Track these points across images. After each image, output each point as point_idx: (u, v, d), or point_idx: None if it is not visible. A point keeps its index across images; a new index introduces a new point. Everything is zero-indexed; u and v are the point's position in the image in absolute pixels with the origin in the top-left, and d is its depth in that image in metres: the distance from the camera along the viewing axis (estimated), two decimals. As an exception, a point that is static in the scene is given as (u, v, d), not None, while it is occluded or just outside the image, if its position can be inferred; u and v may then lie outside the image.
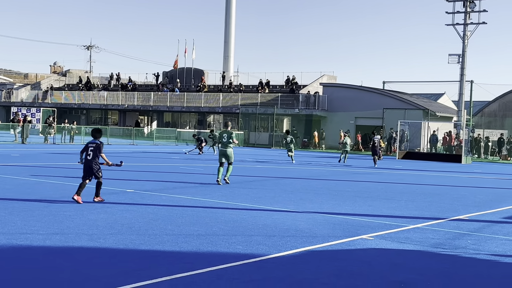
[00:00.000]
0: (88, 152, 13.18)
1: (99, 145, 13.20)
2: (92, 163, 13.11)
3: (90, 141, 13.40)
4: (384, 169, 29.09)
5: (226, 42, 73.45)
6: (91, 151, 13.15)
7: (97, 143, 13.21)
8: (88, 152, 13.17)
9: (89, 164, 13.14)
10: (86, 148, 13.28)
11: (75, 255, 8.23)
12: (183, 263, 7.94)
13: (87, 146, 13.29)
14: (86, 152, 13.21)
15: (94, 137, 13.42)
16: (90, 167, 13.13)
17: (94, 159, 13.14)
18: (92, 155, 13.13)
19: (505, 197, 18.26)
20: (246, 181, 19.69)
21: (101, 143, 13.31)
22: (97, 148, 13.15)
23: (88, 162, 13.14)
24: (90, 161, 13.12)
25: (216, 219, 11.55)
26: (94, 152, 13.13)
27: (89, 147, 13.23)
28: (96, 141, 13.28)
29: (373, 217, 12.83)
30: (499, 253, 9.52)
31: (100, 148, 13.20)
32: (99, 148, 13.17)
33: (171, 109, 64.19)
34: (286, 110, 55.78)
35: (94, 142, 13.29)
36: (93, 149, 13.14)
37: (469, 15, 46.34)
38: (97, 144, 13.21)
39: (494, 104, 58.79)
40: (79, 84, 76.18)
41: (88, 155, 13.15)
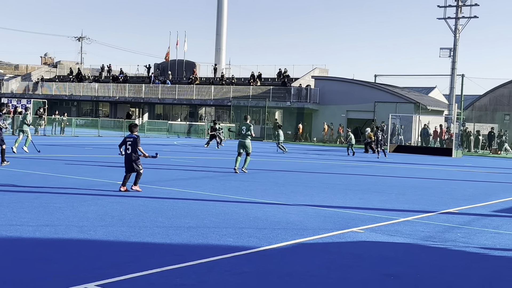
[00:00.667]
0: (127, 146, 14.04)
1: (136, 139, 14.04)
2: (132, 156, 13.97)
3: (127, 135, 14.29)
4: (375, 162, 29.16)
5: (218, 35, 73.28)
6: (130, 145, 13.99)
7: (134, 137, 14.08)
8: (127, 146, 14.03)
9: (129, 157, 14.00)
10: (124, 142, 14.16)
11: (65, 247, 8.21)
12: (174, 255, 7.94)
13: (125, 140, 14.17)
14: (125, 145, 14.08)
15: (131, 131, 14.31)
16: (130, 160, 13.98)
17: (133, 152, 13.98)
18: (131, 149, 13.98)
19: (495, 190, 18.36)
20: (237, 174, 19.68)
21: (138, 137, 14.15)
22: (134, 142, 13.99)
23: (128, 155, 14.01)
24: (130, 154, 14.00)
25: (207, 212, 11.55)
26: (132, 146, 13.97)
27: (127, 141, 14.10)
28: (133, 135, 14.15)
29: (364, 210, 12.87)
30: (488, 246, 9.57)
31: (137, 141, 14.02)
32: (137, 142, 14.00)
33: (163, 101, 64.04)
34: (278, 103, 55.77)
35: (131, 136, 14.14)
36: (131, 143, 13.99)
37: (461, 9, 46.41)
38: (134, 138, 14.05)
39: (485, 98, 59.03)
40: (70, 76, 75.84)
41: (128, 149, 14.01)
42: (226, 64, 73.48)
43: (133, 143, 13.98)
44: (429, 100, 57.40)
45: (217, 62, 70.85)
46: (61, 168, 18.67)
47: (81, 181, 15.56)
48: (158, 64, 71.63)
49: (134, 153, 14.00)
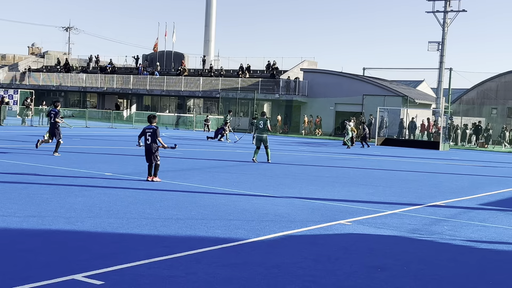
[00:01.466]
0: (146, 137, 14.30)
1: (155, 130, 14.27)
2: (152, 147, 14.24)
3: (146, 127, 14.50)
4: (363, 155, 29.26)
5: (207, 26, 73.03)
6: (150, 136, 14.26)
7: (154, 128, 14.31)
8: (147, 137, 14.29)
9: (149, 148, 14.28)
10: (144, 133, 14.40)
11: (53, 238, 8.18)
12: (162, 246, 7.94)
13: (144, 131, 14.40)
14: (145, 136, 14.33)
15: (150, 122, 14.54)
16: (150, 151, 14.26)
17: (153, 143, 14.26)
18: (151, 139, 14.25)
19: (482, 184, 18.49)
20: (226, 166, 19.69)
21: (157, 128, 14.39)
22: (154, 133, 14.23)
23: (148, 146, 14.29)
24: (150, 145, 14.28)
25: (195, 203, 11.55)
26: (152, 137, 14.24)
27: (147, 132, 14.34)
28: (153, 126, 14.39)
29: (351, 202, 12.92)
30: (474, 239, 9.65)
31: (157, 133, 14.27)
32: (156, 133, 14.24)
33: (151, 93, 63.77)
34: (266, 95, 55.75)
35: (150, 127, 14.37)
36: (151, 134, 14.25)
37: (449, 3, 46.55)
38: (153, 129, 14.28)
39: (472, 92, 59.32)
40: (57, 66, 75.29)
41: (147, 140, 14.29)
42: (215, 55, 73.29)
43: (153, 134, 14.22)
44: (417, 93, 57.59)
45: (206, 54, 70.62)
46: (48, 159, 18.58)
47: (68, 172, 15.49)
48: (147, 55, 71.29)
49: (154, 144, 14.28)
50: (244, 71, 61.18)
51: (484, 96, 57.93)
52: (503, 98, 56.47)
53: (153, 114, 15.27)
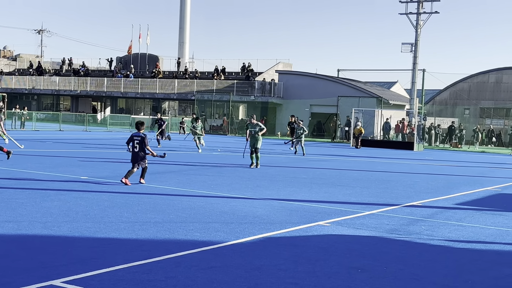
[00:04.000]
0: (134, 145, 14.31)
1: (143, 138, 14.30)
2: (139, 154, 14.30)
3: (134, 133, 14.47)
4: (339, 156, 29.39)
5: (181, 28, 72.80)
6: (137, 144, 14.28)
7: (142, 136, 14.33)
8: (135, 144, 14.31)
9: (136, 155, 14.33)
10: (132, 139, 14.39)
11: (29, 243, 8.06)
12: (140, 250, 7.86)
13: (132, 138, 14.38)
14: (133, 144, 14.34)
15: (138, 129, 14.51)
16: (137, 158, 14.32)
17: (141, 151, 14.29)
18: (139, 147, 14.27)
19: (456, 183, 18.68)
20: (203, 168, 19.62)
21: (145, 136, 14.38)
22: (142, 141, 14.26)
23: (136, 154, 14.32)
24: (137, 153, 14.31)
25: (173, 206, 11.47)
26: (140, 145, 14.27)
27: (135, 139, 14.34)
28: (141, 134, 14.38)
29: (329, 203, 12.95)
30: (452, 239, 9.73)
31: (145, 141, 14.29)
32: (144, 141, 14.26)
33: (125, 95, 63.36)
34: (242, 97, 55.72)
35: (138, 135, 14.38)
36: (139, 142, 14.26)
37: (422, 5, 46.97)
38: (141, 137, 14.31)
39: (445, 92, 59.97)
40: (30, 69, 74.39)
41: (135, 147, 14.30)
42: (190, 58, 73.10)
43: (141, 142, 14.25)
44: (391, 94, 58.07)
45: (181, 56, 70.38)
46: (22, 163, 18.32)
47: (43, 176, 15.29)
48: (121, 58, 70.80)
49: (142, 152, 14.29)
50: (219, 73, 61.09)
51: (456, 96, 58.61)
52: (476, 99, 57.21)
53: (141, 120, 15.12)
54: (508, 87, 56.16)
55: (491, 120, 55.52)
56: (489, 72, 57.53)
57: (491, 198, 15.51)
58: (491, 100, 56.74)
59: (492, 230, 10.70)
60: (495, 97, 56.60)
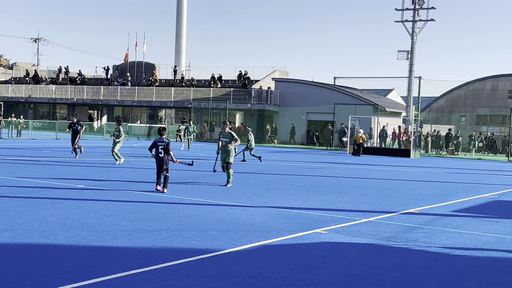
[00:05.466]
0: (159, 150, 14.61)
1: (168, 144, 14.59)
2: (165, 159, 14.60)
3: (158, 139, 14.75)
4: (336, 164, 29.41)
5: (178, 36, 72.90)
6: (162, 149, 14.59)
7: (166, 142, 14.61)
8: (159, 150, 14.61)
9: (161, 160, 14.59)
10: (156, 145, 14.68)
11: (26, 252, 8.04)
12: (138, 259, 7.85)
13: (156, 144, 14.68)
14: (157, 150, 14.63)
15: (161, 134, 14.81)
16: (162, 163, 14.57)
17: (166, 156, 14.60)
18: (163, 153, 14.59)
19: (453, 190, 18.70)
20: (200, 176, 19.61)
21: (169, 142, 14.70)
22: (166, 147, 14.56)
23: (161, 158, 14.61)
24: (163, 158, 14.60)
25: (170, 215, 11.46)
26: (164, 150, 14.59)
27: (159, 145, 14.63)
28: (164, 140, 14.67)
29: (326, 211, 12.95)
30: (449, 246, 9.74)
31: (169, 147, 14.59)
32: (168, 147, 14.57)
33: (122, 103, 63.32)
34: (238, 105, 55.76)
35: (162, 140, 14.66)
36: (163, 148, 14.58)
37: (418, 12, 47.13)
38: (166, 143, 14.60)
39: (441, 100, 60.12)
40: (26, 78, 74.37)
41: (160, 153, 14.60)
42: (186, 66, 73.10)
43: (165, 148, 14.55)
44: (387, 102, 58.18)
45: (177, 64, 70.43)
46: (19, 171, 18.29)
47: (40, 184, 15.27)
48: (117, 66, 70.83)
49: (166, 157, 14.61)
50: (215, 81, 61.15)
51: (453, 104, 58.75)
52: (472, 106, 57.35)
53: (164, 126, 15.52)
54: (504, 94, 56.33)
55: (487, 127, 55.63)
56: (485, 79, 57.71)
57: (487, 205, 15.52)
58: (487, 107, 56.89)
59: (489, 237, 10.72)
60: (491, 104, 56.76)
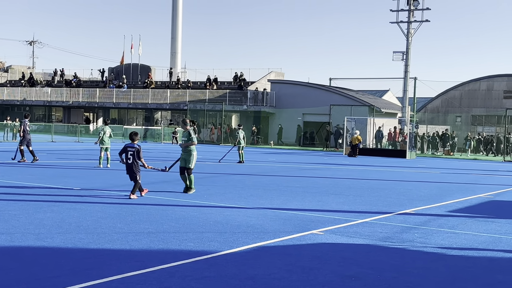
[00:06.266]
0: (128, 156, 13.85)
1: (138, 149, 13.88)
2: (133, 166, 13.81)
3: (128, 144, 14.01)
4: (332, 165, 29.43)
5: (173, 38, 72.89)
6: (131, 155, 13.82)
7: (136, 148, 13.90)
8: (128, 156, 13.85)
9: (130, 166, 13.85)
10: (125, 151, 13.91)
11: (22, 255, 8.03)
12: (134, 261, 7.85)
13: (126, 149, 13.91)
14: (126, 155, 13.87)
15: (132, 140, 14.08)
16: (131, 170, 13.82)
17: (134, 163, 13.83)
18: (132, 159, 13.83)
19: (449, 191, 18.73)
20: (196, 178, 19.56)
21: (140, 147, 13.99)
22: (137, 153, 13.84)
23: (130, 165, 13.85)
24: (131, 164, 13.83)
25: (167, 217, 11.45)
26: (133, 157, 13.82)
27: (128, 151, 13.87)
28: (135, 145, 13.94)
29: (323, 212, 12.96)
30: (445, 246, 9.76)
31: (139, 153, 13.87)
32: (139, 153, 13.86)
33: (118, 106, 63.25)
34: (234, 106, 55.78)
35: (132, 146, 13.94)
36: (132, 154, 13.81)
37: (413, 13, 47.23)
38: (136, 149, 13.88)
39: (437, 100, 60.22)
40: (21, 81, 74.25)
41: (129, 159, 13.84)
42: (182, 68, 73.13)
43: (134, 154, 13.83)
44: (383, 102, 58.28)
45: (173, 66, 70.43)
46: (15, 174, 18.26)
47: (36, 187, 15.24)
48: (113, 68, 70.79)
49: (136, 163, 13.87)
50: (211, 83, 61.15)
51: (448, 104, 58.85)
52: (467, 106, 57.47)
53: (135, 131, 14.66)
54: (499, 95, 56.47)
55: (483, 128, 55.75)
56: (480, 80, 57.83)
57: (483, 205, 15.56)
58: (483, 107, 57.02)
59: (485, 237, 10.74)
60: (487, 105, 56.88)
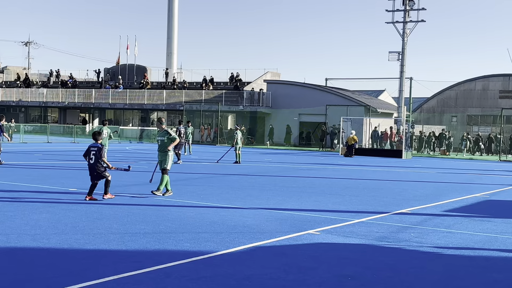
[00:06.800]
0: (90, 156, 13.34)
1: (100, 148, 13.38)
2: (96, 166, 13.29)
3: (91, 144, 13.56)
4: (328, 165, 29.45)
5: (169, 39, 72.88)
6: (93, 155, 13.32)
7: (98, 147, 13.40)
8: (91, 156, 13.34)
9: (93, 167, 13.33)
10: (88, 151, 13.42)
11: (18, 256, 8.02)
12: (130, 261, 7.84)
13: (89, 149, 13.42)
14: (89, 155, 13.37)
15: (95, 139, 13.58)
16: (95, 170, 13.32)
17: (97, 163, 13.30)
18: (94, 159, 13.32)
19: (445, 190, 18.76)
20: (192, 178, 19.60)
21: (102, 146, 13.53)
22: (98, 152, 13.32)
23: (92, 165, 13.33)
24: (94, 164, 13.31)
25: (163, 217, 11.45)
26: (96, 156, 13.32)
27: (91, 150, 13.38)
28: (97, 145, 13.45)
29: (319, 212, 12.97)
30: (441, 246, 9.78)
31: (101, 153, 13.37)
32: (100, 153, 13.34)
33: (113, 106, 63.15)
34: (230, 107, 55.76)
35: (95, 145, 13.45)
36: (95, 153, 13.32)
37: (408, 13, 47.25)
38: (98, 148, 13.38)
39: (433, 100, 60.32)
40: (17, 81, 74.09)
41: (91, 159, 13.33)
42: (178, 68, 73.11)
43: (97, 153, 13.31)
44: (379, 103, 58.33)
45: (169, 67, 70.39)
46: (10, 175, 18.22)
47: (31, 188, 15.22)
48: (108, 69, 70.68)
49: (99, 163, 13.34)
50: (207, 83, 61.13)
51: (444, 104, 58.95)
52: (463, 106, 57.58)
53: (98, 130, 14.12)
54: (495, 94, 56.59)
55: (479, 127, 55.87)
56: (475, 80, 57.94)
57: (479, 205, 15.59)
58: (478, 107, 57.14)
59: (481, 237, 10.77)
60: (482, 104, 57.00)
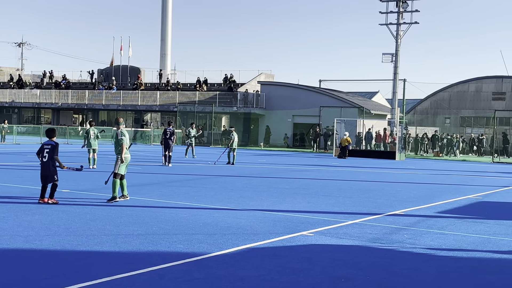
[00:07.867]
0: (43, 154, 12.67)
1: (54, 146, 12.71)
2: (49, 165, 12.66)
3: (45, 142, 12.89)
4: (322, 166, 29.47)
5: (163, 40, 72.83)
6: (47, 153, 12.65)
7: (52, 144, 12.74)
8: (44, 154, 12.67)
9: (46, 166, 12.69)
10: (42, 149, 12.75)
11: (11, 257, 7.98)
12: (124, 263, 7.82)
13: (43, 147, 12.76)
14: (42, 153, 12.70)
15: (49, 137, 12.90)
16: (47, 170, 12.68)
17: (50, 161, 12.66)
18: (48, 157, 12.65)
19: (438, 192, 18.80)
20: (186, 180, 19.57)
21: (57, 144, 12.82)
22: (52, 150, 12.66)
23: (44, 164, 12.69)
24: (47, 163, 12.66)
25: (156, 218, 11.42)
26: (49, 154, 12.64)
27: (45, 148, 12.72)
28: (52, 142, 12.82)
29: (313, 213, 12.98)
30: (434, 247, 9.79)
31: (56, 150, 12.68)
32: (54, 150, 12.67)
33: (107, 108, 63.04)
34: (224, 108, 55.76)
35: (49, 143, 12.77)
36: (48, 151, 12.65)
37: (402, 15, 47.39)
38: (52, 145, 12.71)
39: (426, 102, 60.49)
40: (10, 82, 73.83)
41: (44, 157, 12.66)
42: (172, 69, 73.08)
43: (51, 151, 12.63)
44: (372, 104, 58.45)
45: (162, 68, 70.34)
46: (3, 176, 18.15)
47: (24, 189, 15.16)
48: (102, 70, 70.54)
49: (51, 162, 12.65)
50: (201, 85, 61.09)
51: (437, 106, 59.12)
52: (456, 108, 57.75)
53: (53, 127, 13.41)
54: (488, 96, 56.79)
55: (472, 129, 56.04)
56: (469, 82, 58.15)
57: (472, 206, 15.63)
58: (471, 109, 57.33)
59: (474, 238, 10.79)
60: (475, 106, 57.20)
